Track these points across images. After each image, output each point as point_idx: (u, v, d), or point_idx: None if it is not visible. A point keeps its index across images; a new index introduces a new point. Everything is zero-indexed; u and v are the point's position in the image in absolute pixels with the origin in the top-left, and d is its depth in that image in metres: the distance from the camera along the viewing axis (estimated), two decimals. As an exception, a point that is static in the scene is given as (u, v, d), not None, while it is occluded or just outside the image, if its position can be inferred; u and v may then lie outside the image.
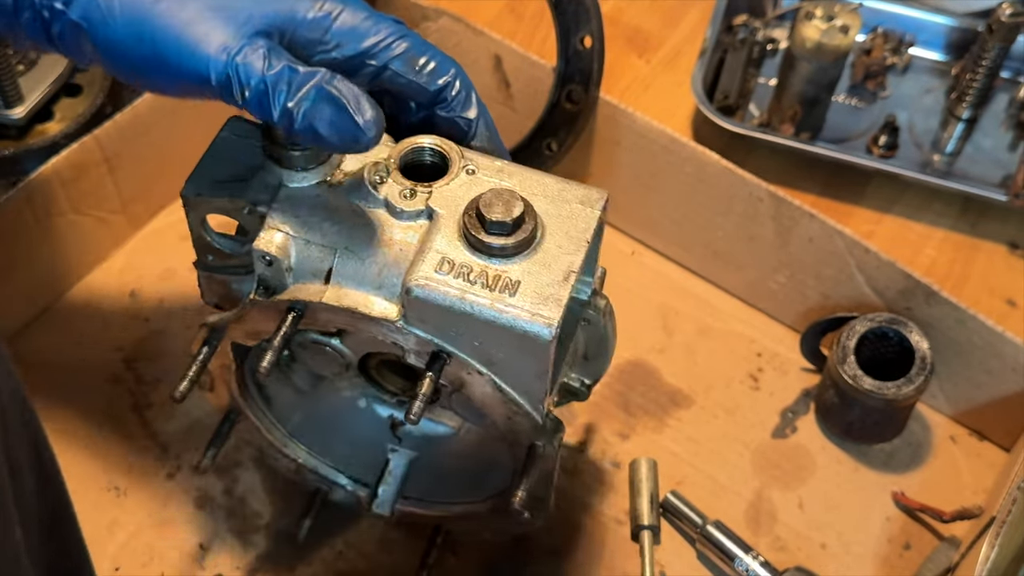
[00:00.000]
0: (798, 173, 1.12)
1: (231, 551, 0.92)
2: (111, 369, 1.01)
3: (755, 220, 1.01)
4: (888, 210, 1.12)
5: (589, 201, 0.70)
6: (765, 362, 1.03)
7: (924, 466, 0.97)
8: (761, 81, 1.20)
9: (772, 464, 0.97)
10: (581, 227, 0.69)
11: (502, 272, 0.65)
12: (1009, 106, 1.18)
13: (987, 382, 0.95)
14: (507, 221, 0.64)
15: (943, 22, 1.20)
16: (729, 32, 1.20)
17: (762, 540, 0.93)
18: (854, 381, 0.92)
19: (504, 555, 0.91)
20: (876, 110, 1.18)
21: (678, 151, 1.01)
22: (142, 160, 1.05)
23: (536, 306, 0.64)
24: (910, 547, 0.93)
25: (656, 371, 1.02)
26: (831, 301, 1.00)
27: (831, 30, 1.07)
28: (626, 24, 1.27)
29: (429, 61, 0.68)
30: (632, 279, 1.08)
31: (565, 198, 0.69)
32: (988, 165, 1.14)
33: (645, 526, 0.92)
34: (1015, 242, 1.10)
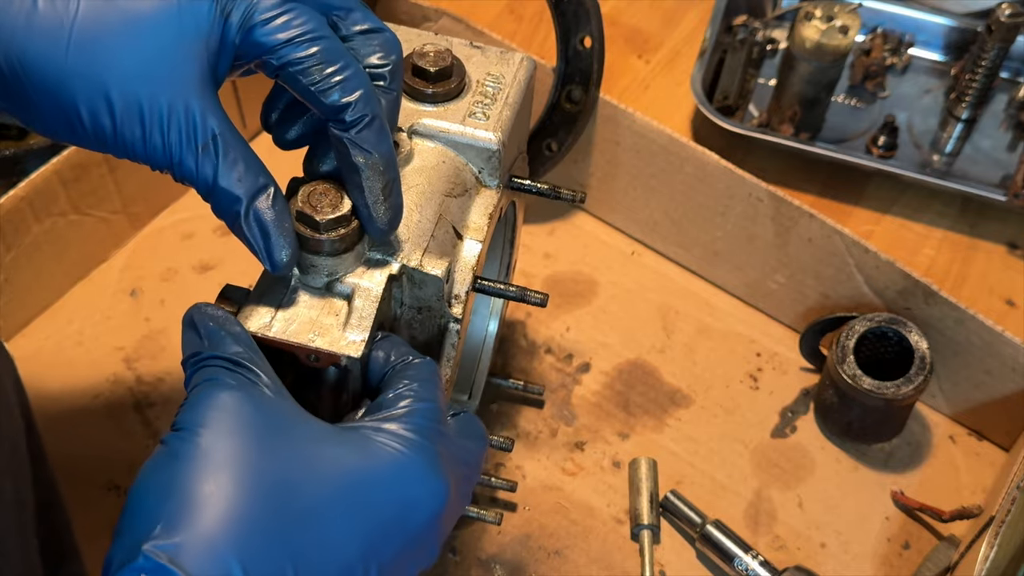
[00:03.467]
0: (797, 173, 1.13)
1: (232, 550, 0.92)
2: (112, 369, 1.01)
3: (755, 220, 1.01)
4: (887, 210, 1.13)
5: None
6: (764, 362, 1.03)
7: (923, 466, 0.98)
8: (761, 81, 1.20)
9: (771, 463, 0.98)
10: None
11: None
12: (1008, 106, 1.18)
13: (986, 382, 0.95)
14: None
15: (942, 22, 1.21)
16: (729, 32, 1.20)
17: (761, 539, 0.93)
18: (853, 381, 0.92)
19: (504, 555, 0.92)
20: (875, 110, 1.18)
21: (678, 151, 1.02)
22: (143, 160, 1.05)
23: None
24: (909, 546, 0.93)
25: (656, 371, 1.02)
26: (830, 301, 1.00)
27: (831, 30, 1.07)
28: (626, 24, 1.27)
29: (337, 73, 0.60)
30: (632, 279, 1.08)
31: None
32: (987, 165, 1.14)
33: (645, 525, 0.92)
34: (1014, 242, 1.11)
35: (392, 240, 0.67)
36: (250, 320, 0.64)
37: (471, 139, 0.74)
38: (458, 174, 0.74)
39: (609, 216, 1.11)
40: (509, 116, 0.76)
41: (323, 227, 0.63)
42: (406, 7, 1.14)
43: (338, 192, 0.64)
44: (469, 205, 0.74)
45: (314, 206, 0.63)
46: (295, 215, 0.63)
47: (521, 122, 0.79)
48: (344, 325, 0.64)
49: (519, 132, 0.79)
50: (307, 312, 0.64)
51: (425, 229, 0.69)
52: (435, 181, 0.72)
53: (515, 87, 0.77)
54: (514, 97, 0.77)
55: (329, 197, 0.63)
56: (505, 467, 0.96)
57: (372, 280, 0.65)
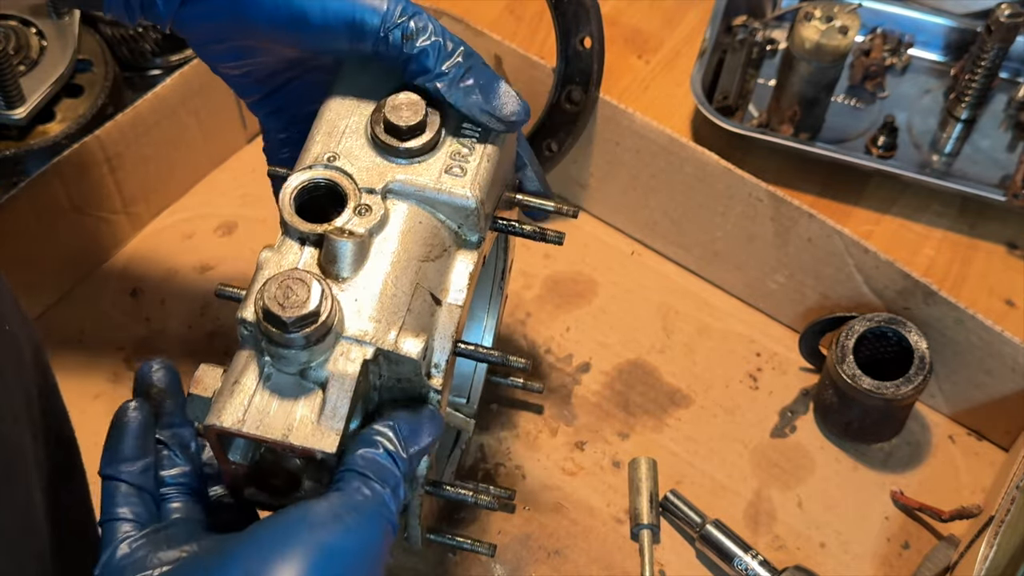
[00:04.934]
0: (797, 173, 1.13)
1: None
2: (112, 368, 1.01)
3: (754, 220, 1.01)
4: (887, 210, 1.13)
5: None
6: (764, 362, 1.03)
7: (923, 465, 0.98)
8: (760, 81, 1.20)
9: (771, 463, 0.98)
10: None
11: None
12: (1007, 106, 1.18)
13: (986, 382, 0.95)
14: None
15: (942, 23, 1.21)
16: (728, 33, 1.20)
17: (761, 539, 0.93)
18: (853, 381, 0.92)
19: (504, 555, 0.92)
20: (875, 110, 1.18)
21: (678, 151, 1.02)
22: (143, 161, 1.05)
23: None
24: (909, 546, 0.93)
25: (656, 371, 1.02)
26: (830, 301, 1.00)
27: (830, 31, 1.07)
28: (626, 25, 1.27)
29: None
30: (632, 279, 1.08)
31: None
32: (987, 165, 1.14)
33: (645, 525, 0.92)
34: (1013, 242, 1.11)
35: (367, 319, 0.65)
36: (223, 414, 0.62)
37: (448, 196, 0.69)
38: (435, 235, 0.70)
39: (609, 216, 1.11)
40: (488, 168, 0.71)
41: (291, 325, 0.61)
42: (406, 7, 1.14)
43: (306, 283, 0.62)
44: (448, 266, 0.71)
45: (282, 303, 0.61)
46: (262, 310, 0.62)
47: (504, 161, 0.75)
48: (319, 417, 0.62)
49: (502, 173, 0.75)
50: (280, 403, 0.63)
51: (400, 303, 0.66)
52: (411, 247, 0.68)
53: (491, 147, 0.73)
54: (491, 148, 0.72)
55: (296, 290, 0.62)
56: (505, 467, 0.96)
57: (347, 367, 0.63)
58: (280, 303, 0.61)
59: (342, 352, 0.64)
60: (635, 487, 0.94)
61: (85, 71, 1.11)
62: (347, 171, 0.69)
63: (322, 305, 0.62)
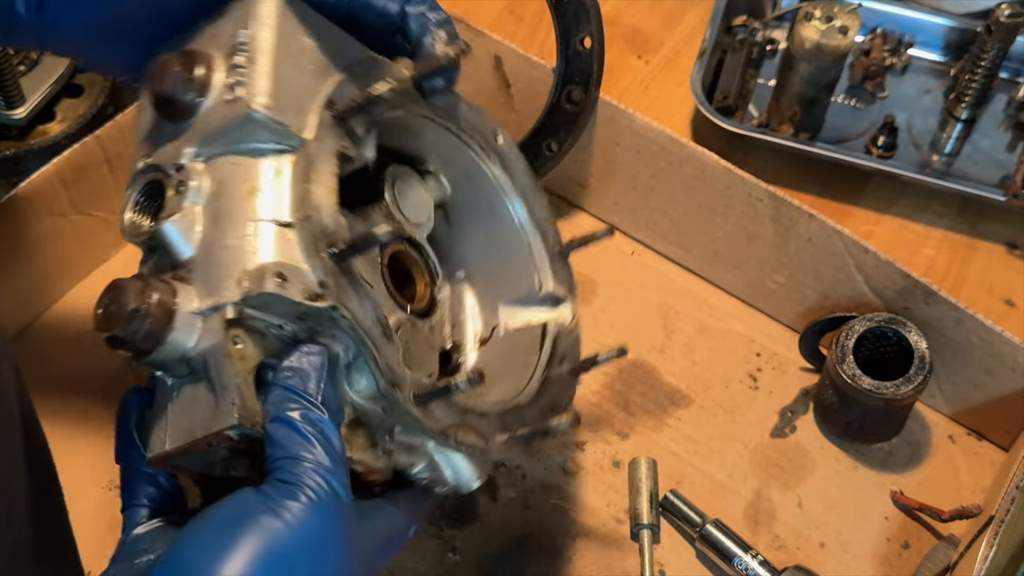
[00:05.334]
0: (797, 173, 1.13)
1: (232, 550, 0.92)
2: (112, 369, 1.01)
3: (754, 220, 1.01)
4: (887, 210, 1.13)
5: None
6: (764, 362, 1.03)
7: (923, 465, 0.98)
8: (760, 81, 1.20)
9: (771, 463, 0.98)
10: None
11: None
12: (1007, 106, 1.18)
13: (986, 382, 0.95)
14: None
15: (942, 23, 1.21)
16: (728, 33, 1.20)
17: (761, 539, 0.93)
18: (853, 381, 0.92)
19: (504, 555, 0.92)
20: (875, 110, 1.18)
21: (678, 151, 1.02)
22: (143, 160, 1.05)
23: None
24: (909, 546, 0.93)
25: (656, 371, 1.02)
26: (830, 301, 1.00)
27: (830, 31, 1.07)
28: (626, 25, 1.27)
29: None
30: (632, 279, 1.08)
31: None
32: (987, 165, 1.14)
33: (645, 525, 0.92)
34: (1013, 242, 1.11)
35: (216, 283, 0.61)
36: (152, 443, 0.63)
37: (233, 123, 0.63)
38: (254, 166, 0.64)
39: (609, 216, 1.11)
40: (268, 62, 0.64)
41: (124, 335, 0.60)
42: (406, 7, 1.14)
43: (119, 288, 0.60)
44: (283, 185, 0.64)
45: (107, 320, 0.60)
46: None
47: (302, 35, 0.68)
48: (216, 400, 0.60)
49: (312, 55, 0.68)
50: (190, 406, 0.61)
51: (241, 249, 0.62)
52: (233, 192, 0.63)
53: (265, 28, 0.66)
54: (267, 38, 0.65)
55: (112, 299, 0.60)
56: (505, 467, 0.96)
57: (212, 339, 0.60)
58: (106, 320, 0.60)
59: (204, 328, 0.61)
60: (635, 487, 0.94)
61: (85, 71, 1.11)
62: (157, 163, 0.67)
63: (143, 298, 0.60)
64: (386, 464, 0.67)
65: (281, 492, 0.58)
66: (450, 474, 0.70)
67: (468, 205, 0.84)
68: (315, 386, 0.61)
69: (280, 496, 0.58)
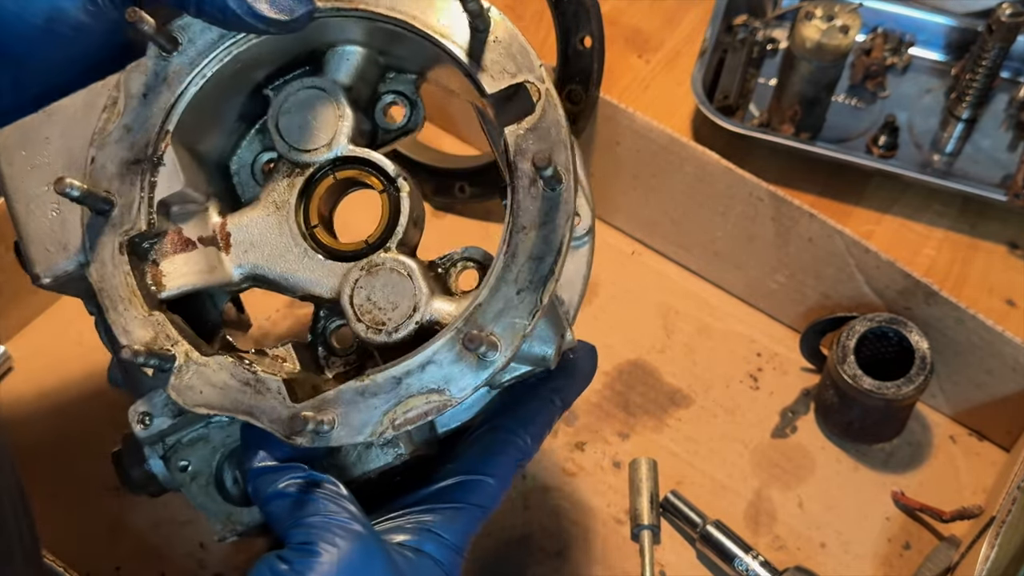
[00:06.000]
0: (798, 173, 1.12)
1: (231, 551, 0.92)
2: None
3: (755, 220, 1.01)
4: (888, 210, 1.13)
5: None
6: (765, 362, 1.03)
7: (924, 466, 0.97)
8: (761, 81, 1.20)
9: (772, 464, 0.98)
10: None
11: None
12: (1009, 106, 1.18)
13: (987, 382, 0.95)
14: None
15: (943, 22, 1.20)
16: (729, 32, 1.20)
17: (762, 540, 0.93)
18: (854, 381, 0.92)
19: (505, 555, 0.91)
20: (876, 110, 1.18)
21: (678, 151, 1.02)
22: (142, 160, 1.05)
23: None
24: (910, 547, 0.93)
25: (656, 371, 1.02)
26: (831, 301, 1.00)
27: (831, 30, 1.07)
28: (626, 24, 1.27)
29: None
30: (632, 279, 1.08)
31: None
32: (988, 165, 1.14)
33: (645, 526, 0.92)
34: (1014, 242, 1.11)
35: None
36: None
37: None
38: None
39: (609, 216, 1.11)
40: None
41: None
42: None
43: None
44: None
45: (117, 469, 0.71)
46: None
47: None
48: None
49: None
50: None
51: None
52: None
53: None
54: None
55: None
56: (505, 467, 0.96)
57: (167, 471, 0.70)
58: (116, 468, 0.75)
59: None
60: (635, 487, 0.94)
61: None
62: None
63: (134, 461, 0.74)
64: (396, 453, 0.68)
65: (300, 553, 0.61)
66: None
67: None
68: (275, 451, 0.65)
69: (301, 557, 0.61)
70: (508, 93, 0.66)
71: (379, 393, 0.62)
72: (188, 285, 0.67)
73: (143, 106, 0.67)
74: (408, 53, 0.72)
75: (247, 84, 0.72)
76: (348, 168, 0.70)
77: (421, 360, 0.62)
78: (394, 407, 0.62)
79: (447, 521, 0.67)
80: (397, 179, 0.69)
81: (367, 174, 0.70)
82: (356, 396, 0.62)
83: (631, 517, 0.93)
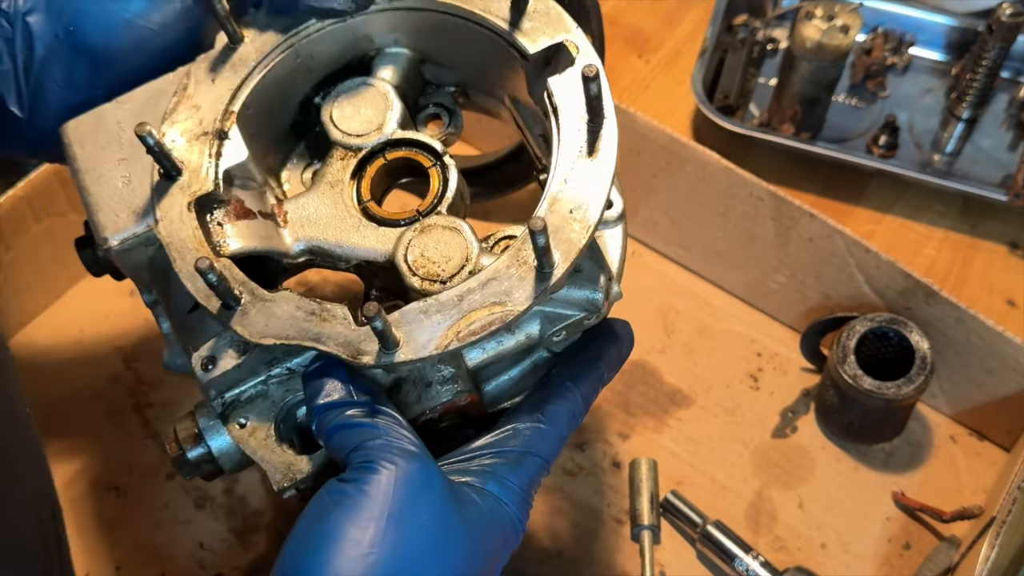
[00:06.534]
0: (798, 173, 1.12)
1: (231, 551, 0.92)
2: (111, 369, 1.01)
3: (755, 220, 1.01)
4: (888, 210, 1.12)
5: None
6: (765, 362, 1.03)
7: (924, 466, 0.97)
8: (761, 81, 1.20)
9: (772, 464, 0.97)
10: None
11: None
12: (1009, 106, 1.18)
13: (987, 382, 0.95)
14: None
15: (943, 22, 1.20)
16: (729, 32, 1.20)
17: (762, 540, 0.93)
18: (854, 381, 0.92)
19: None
20: (876, 110, 1.18)
21: (678, 151, 1.01)
22: (142, 160, 1.05)
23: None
24: (910, 547, 0.93)
25: (656, 371, 1.02)
26: (831, 301, 1.00)
27: (831, 30, 1.07)
28: (626, 24, 1.27)
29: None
30: (632, 279, 1.07)
31: None
32: (988, 165, 1.14)
33: (645, 526, 0.92)
34: (1015, 242, 1.10)
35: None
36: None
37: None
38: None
39: (609, 216, 1.11)
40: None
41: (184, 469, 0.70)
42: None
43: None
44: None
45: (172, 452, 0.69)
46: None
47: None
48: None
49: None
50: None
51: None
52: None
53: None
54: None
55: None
56: (505, 467, 0.96)
57: (226, 436, 0.69)
58: (171, 453, 0.71)
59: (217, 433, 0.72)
60: (635, 488, 0.93)
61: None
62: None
63: (180, 433, 0.72)
64: (455, 390, 0.70)
65: (360, 471, 0.62)
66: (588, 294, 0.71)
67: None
68: (340, 386, 0.66)
69: (362, 474, 0.62)
70: (549, 53, 0.71)
71: (442, 311, 0.65)
72: (250, 247, 0.69)
73: (211, 88, 0.71)
74: (450, 51, 0.77)
75: (302, 86, 0.77)
76: (397, 149, 0.74)
77: (482, 278, 0.65)
78: (457, 321, 0.64)
79: (510, 465, 0.68)
80: (444, 156, 0.73)
81: (416, 153, 0.74)
82: (419, 315, 0.65)
83: (631, 517, 0.93)
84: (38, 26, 0.71)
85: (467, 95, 0.81)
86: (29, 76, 0.72)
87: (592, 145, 0.68)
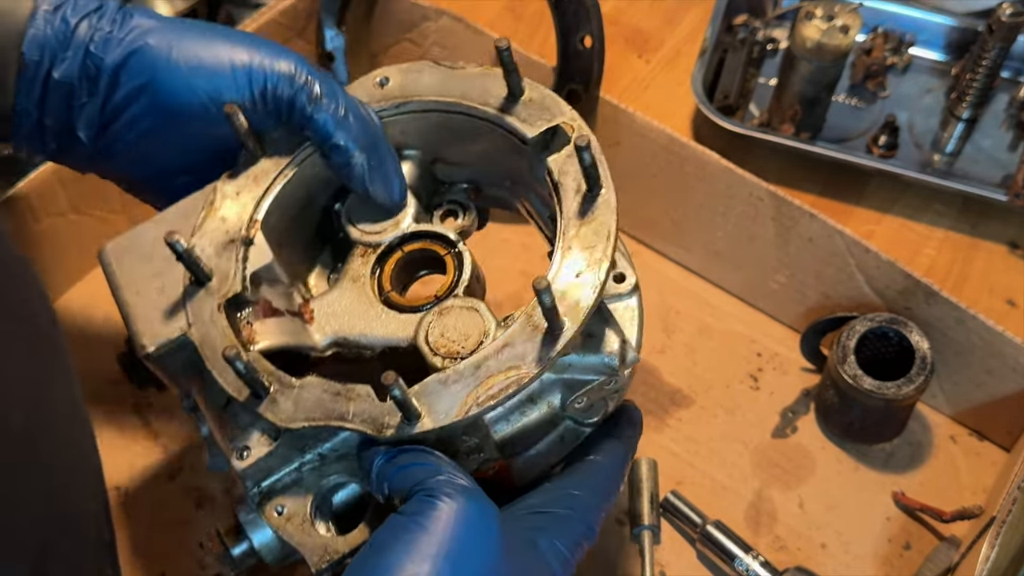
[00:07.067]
0: (798, 173, 1.12)
1: (231, 551, 0.92)
2: (111, 369, 1.01)
3: (755, 220, 1.01)
4: (888, 210, 1.12)
5: None
6: (765, 362, 1.03)
7: (924, 466, 0.97)
8: (761, 81, 1.20)
9: (772, 464, 0.97)
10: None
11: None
12: (1009, 106, 1.18)
13: (987, 382, 0.95)
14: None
15: (943, 22, 1.20)
16: (729, 32, 1.20)
17: (762, 540, 0.93)
18: (854, 381, 0.92)
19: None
20: (876, 110, 1.18)
21: (678, 151, 1.01)
22: (142, 160, 1.05)
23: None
24: (910, 547, 0.93)
25: (656, 371, 1.02)
26: (831, 301, 1.00)
27: (831, 30, 1.07)
28: (626, 24, 1.27)
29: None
30: (632, 279, 1.08)
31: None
32: (988, 165, 1.14)
33: (645, 526, 0.92)
34: (1015, 242, 1.10)
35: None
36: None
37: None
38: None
39: (609, 216, 1.11)
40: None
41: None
42: (405, 6, 1.14)
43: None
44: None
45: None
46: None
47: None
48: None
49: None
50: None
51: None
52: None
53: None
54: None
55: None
56: (505, 467, 0.96)
57: (264, 527, 0.72)
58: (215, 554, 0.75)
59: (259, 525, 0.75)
60: (635, 488, 0.93)
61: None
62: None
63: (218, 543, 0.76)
64: (481, 459, 0.72)
65: (422, 504, 0.64)
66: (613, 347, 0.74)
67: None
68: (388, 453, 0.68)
69: (424, 508, 0.64)
70: (547, 136, 0.76)
71: (460, 380, 0.68)
72: (279, 343, 0.73)
73: (235, 201, 0.76)
74: (457, 149, 0.82)
75: (320, 195, 0.81)
76: (414, 242, 0.79)
77: (498, 345, 0.68)
78: (475, 388, 0.67)
79: (560, 526, 0.69)
80: (458, 243, 0.78)
81: (431, 243, 0.79)
82: (438, 386, 0.68)
83: (631, 517, 0.93)
84: (124, 76, 0.75)
85: (480, 190, 0.85)
86: (104, 112, 0.75)
87: (591, 211, 0.72)
